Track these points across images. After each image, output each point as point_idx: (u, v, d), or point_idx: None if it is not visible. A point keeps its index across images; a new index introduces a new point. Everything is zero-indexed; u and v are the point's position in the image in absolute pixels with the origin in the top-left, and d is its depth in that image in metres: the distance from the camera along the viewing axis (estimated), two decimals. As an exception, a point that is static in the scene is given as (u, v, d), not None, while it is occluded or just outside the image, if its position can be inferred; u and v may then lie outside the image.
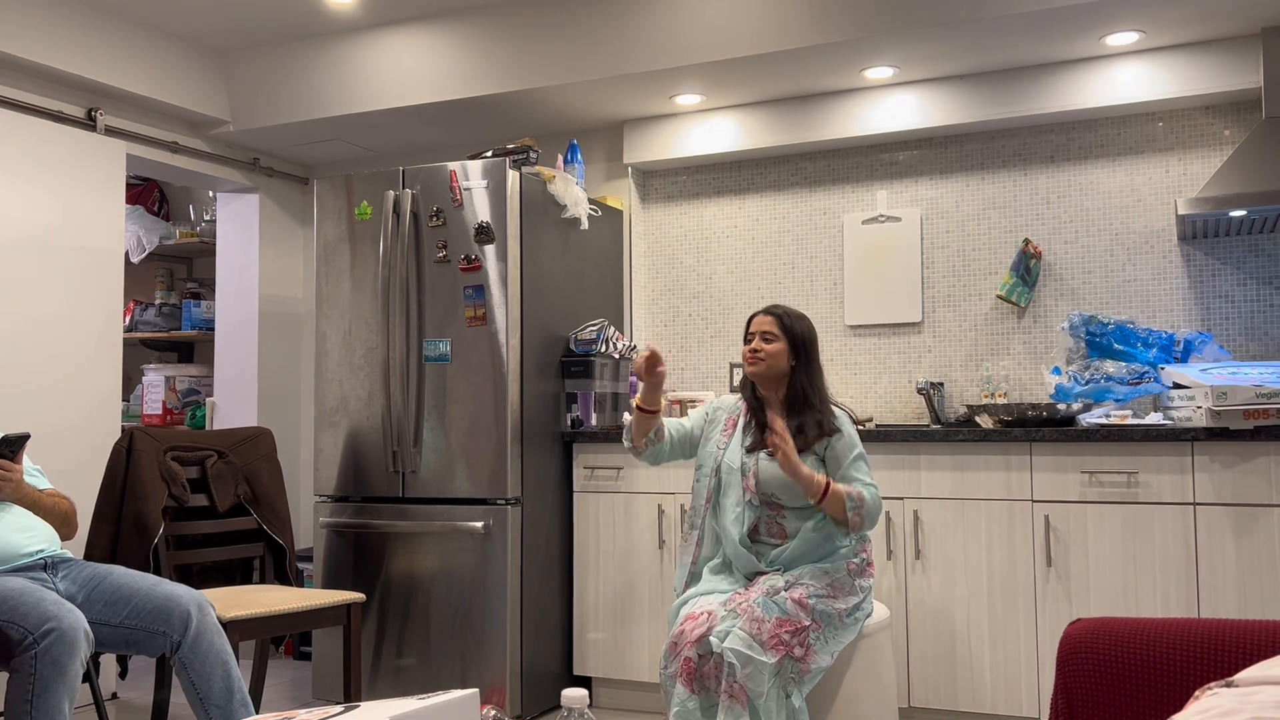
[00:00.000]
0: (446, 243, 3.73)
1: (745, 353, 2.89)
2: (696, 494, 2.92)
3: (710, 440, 2.94)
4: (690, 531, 2.91)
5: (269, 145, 4.82)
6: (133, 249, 5.19)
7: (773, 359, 2.85)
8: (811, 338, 2.90)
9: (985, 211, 4.04)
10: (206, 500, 3.49)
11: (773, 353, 2.85)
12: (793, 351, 2.86)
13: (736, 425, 2.91)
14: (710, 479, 2.88)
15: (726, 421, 2.94)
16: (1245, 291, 3.69)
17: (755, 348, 2.87)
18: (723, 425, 2.93)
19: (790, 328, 2.86)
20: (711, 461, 2.90)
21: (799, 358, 2.86)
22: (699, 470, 2.94)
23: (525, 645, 3.66)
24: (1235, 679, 1.06)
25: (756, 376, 2.89)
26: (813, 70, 3.84)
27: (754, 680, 2.44)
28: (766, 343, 2.86)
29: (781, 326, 2.86)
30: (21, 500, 2.83)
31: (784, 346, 2.85)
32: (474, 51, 4.12)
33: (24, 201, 3.89)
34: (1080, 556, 3.22)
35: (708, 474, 2.90)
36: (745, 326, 2.95)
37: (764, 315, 2.90)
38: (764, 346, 2.85)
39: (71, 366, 4.02)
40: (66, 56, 3.92)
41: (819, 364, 2.91)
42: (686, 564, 2.90)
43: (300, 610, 3.10)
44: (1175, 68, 3.64)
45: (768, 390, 2.91)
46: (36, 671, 2.41)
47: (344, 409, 3.86)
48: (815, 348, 2.91)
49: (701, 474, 2.92)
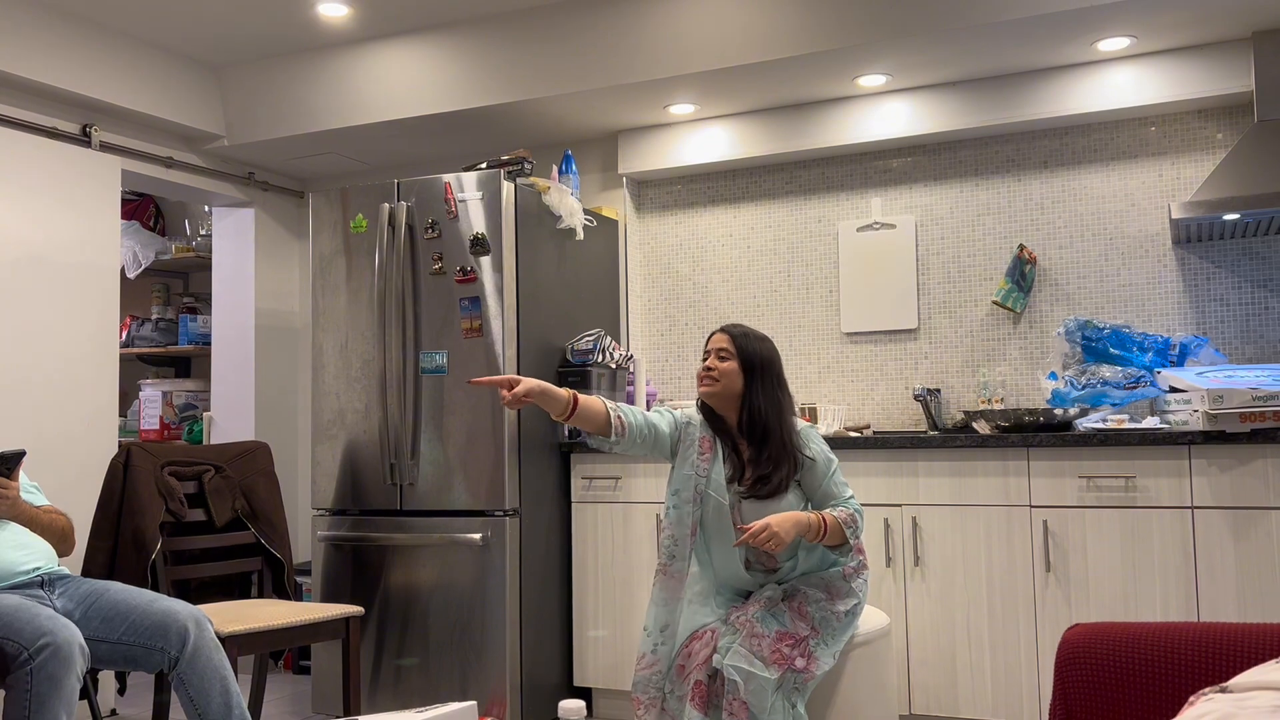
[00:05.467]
0: (442, 254, 3.73)
1: (699, 371, 2.74)
2: (677, 523, 2.70)
3: (687, 461, 2.75)
4: (671, 564, 2.69)
5: (264, 159, 4.83)
6: (129, 264, 5.19)
7: (727, 379, 2.70)
8: (768, 358, 2.73)
9: (980, 217, 4.04)
10: (204, 515, 3.49)
11: (726, 371, 2.70)
12: (744, 372, 2.70)
13: (713, 449, 2.74)
14: (693, 508, 2.70)
15: (701, 441, 2.75)
16: (1240, 295, 3.69)
17: (710, 366, 2.71)
18: (698, 447, 2.75)
19: (743, 346, 2.71)
20: (690, 487, 2.72)
21: (750, 378, 2.70)
22: (676, 495, 2.73)
23: (524, 656, 3.66)
24: (1230, 684, 1.06)
25: (709, 397, 2.72)
26: (806, 79, 3.85)
27: (757, 696, 2.42)
28: (721, 360, 2.71)
29: (735, 345, 2.71)
30: (18, 517, 2.82)
31: (736, 366, 2.70)
32: (468, 64, 4.13)
33: (19, 218, 3.89)
34: (1079, 561, 3.22)
35: (688, 500, 2.71)
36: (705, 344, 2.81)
37: (720, 333, 2.75)
38: (718, 365, 2.70)
39: (68, 382, 4.01)
40: (61, 73, 3.93)
41: (778, 385, 2.73)
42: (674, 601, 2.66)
43: (299, 624, 3.09)
44: (1167, 72, 3.65)
45: (724, 411, 2.75)
46: (32, 687, 2.40)
47: (341, 422, 3.86)
48: (773, 368, 2.73)
49: (680, 500, 2.72)
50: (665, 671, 2.59)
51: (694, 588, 2.71)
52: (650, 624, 2.67)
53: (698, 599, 2.69)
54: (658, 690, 2.59)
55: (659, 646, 2.63)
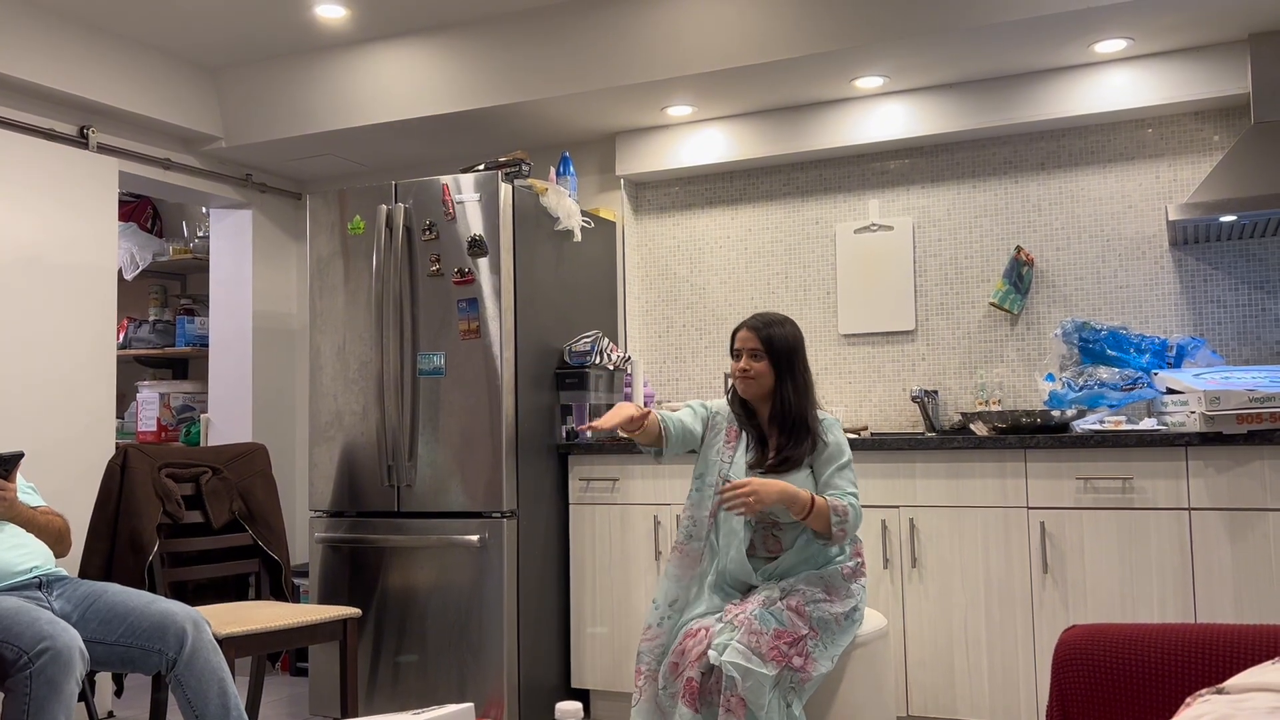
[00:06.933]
0: (440, 256, 3.73)
1: (734, 370, 2.82)
2: (698, 504, 2.83)
3: (713, 448, 2.87)
4: (688, 543, 2.82)
5: (262, 161, 4.83)
6: (126, 266, 5.19)
7: (762, 377, 2.79)
8: (794, 346, 2.82)
9: (977, 219, 4.05)
10: (201, 517, 3.48)
11: (762, 371, 2.79)
12: (774, 366, 2.79)
13: (739, 437, 2.85)
14: (714, 492, 2.80)
15: (728, 431, 2.87)
16: (1237, 296, 3.70)
17: (745, 366, 2.80)
18: (725, 435, 2.87)
19: (770, 341, 2.79)
20: (715, 473, 2.83)
21: (780, 371, 2.79)
22: (700, 479, 2.86)
23: (522, 658, 3.66)
24: (1226, 685, 1.06)
25: (749, 396, 2.84)
26: (803, 80, 3.86)
27: (754, 693, 2.43)
28: (755, 360, 2.80)
29: (762, 340, 2.79)
30: (15, 518, 2.82)
31: (768, 364, 2.79)
32: (465, 65, 4.13)
33: (16, 220, 3.89)
34: (1076, 563, 3.22)
35: (710, 485, 2.82)
36: (730, 341, 2.88)
37: (746, 330, 2.82)
38: (753, 365, 2.79)
39: (65, 384, 4.01)
40: (58, 75, 3.93)
41: (805, 371, 2.84)
42: (686, 579, 2.78)
43: (296, 626, 3.09)
44: (1164, 74, 3.65)
45: (758, 404, 2.86)
46: (32, 691, 2.40)
47: (339, 424, 3.85)
48: (800, 355, 2.83)
49: (704, 484, 2.84)
50: (666, 645, 2.68)
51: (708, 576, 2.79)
52: (660, 598, 2.79)
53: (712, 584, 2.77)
54: (657, 661, 2.68)
55: (665, 620, 2.74)
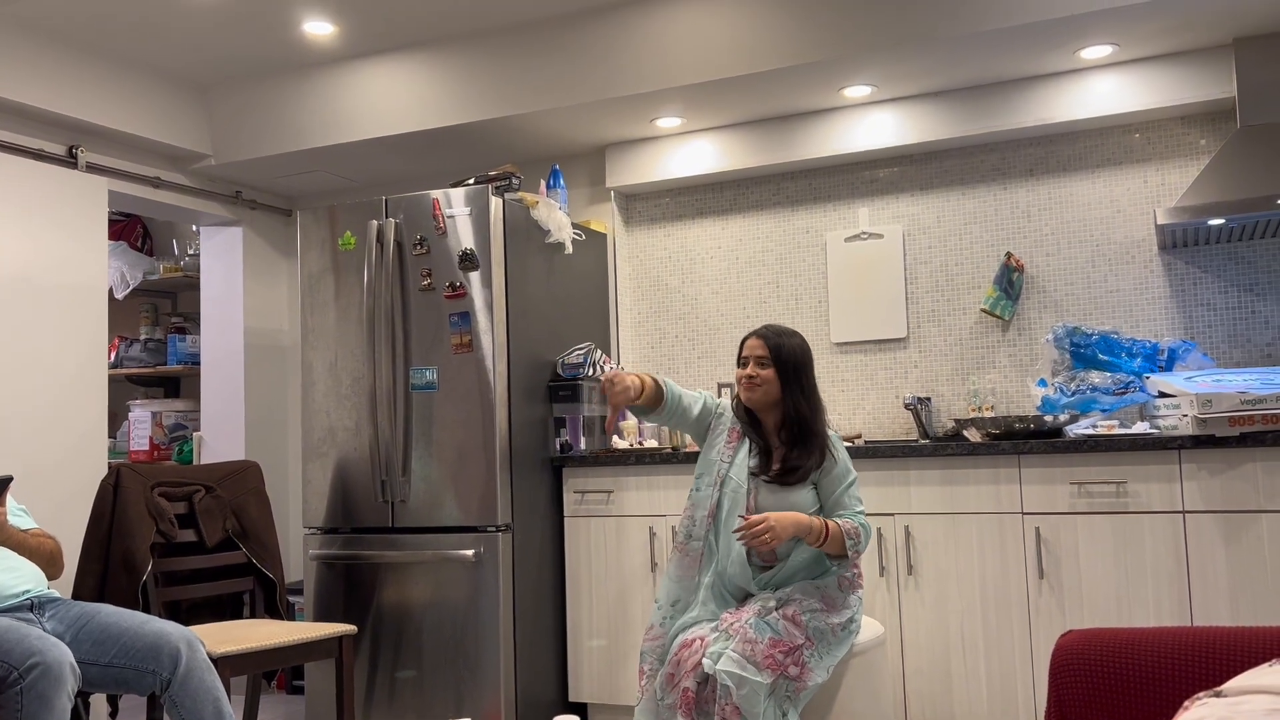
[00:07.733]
0: (431, 270, 3.73)
1: (740, 377, 2.83)
2: (698, 504, 2.81)
3: (714, 448, 2.86)
4: (688, 543, 2.79)
5: (251, 178, 4.82)
6: (116, 285, 5.17)
7: (768, 385, 2.79)
8: (802, 359, 2.82)
9: (967, 226, 4.06)
10: (195, 535, 3.47)
11: (767, 379, 2.79)
12: (780, 376, 2.80)
13: (741, 439, 2.84)
14: (715, 491, 2.80)
15: (730, 431, 2.86)
16: (1227, 299, 3.71)
17: (751, 374, 2.81)
18: (727, 434, 2.86)
19: (778, 351, 2.80)
20: (714, 472, 2.82)
21: (786, 381, 2.80)
22: (701, 479, 2.85)
23: (519, 672, 3.64)
24: (1224, 688, 1.06)
25: (752, 403, 2.84)
26: (791, 90, 3.87)
27: (749, 701, 2.42)
28: (761, 368, 2.80)
29: (770, 350, 2.80)
30: (6, 541, 2.81)
31: (774, 372, 2.80)
32: (454, 80, 4.13)
33: (6, 240, 3.88)
34: (1071, 567, 3.22)
35: (711, 484, 2.81)
36: (739, 349, 2.90)
37: (755, 339, 2.84)
38: (759, 373, 2.80)
39: (56, 404, 4.00)
40: (47, 94, 3.92)
41: (812, 384, 2.84)
42: (687, 579, 2.77)
43: (291, 644, 3.08)
44: (1150, 79, 3.67)
45: (763, 413, 2.86)
46: (23, 707, 2.39)
47: (332, 440, 3.84)
48: (807, 370, 2.83)
49: (704, 483, 2.83)
50: (668, 645, 2.68)
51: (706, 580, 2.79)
52: (662, 598, 2.79)
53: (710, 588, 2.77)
54: (659, 661, 2.68)
55: (667, 620, 2.75)
